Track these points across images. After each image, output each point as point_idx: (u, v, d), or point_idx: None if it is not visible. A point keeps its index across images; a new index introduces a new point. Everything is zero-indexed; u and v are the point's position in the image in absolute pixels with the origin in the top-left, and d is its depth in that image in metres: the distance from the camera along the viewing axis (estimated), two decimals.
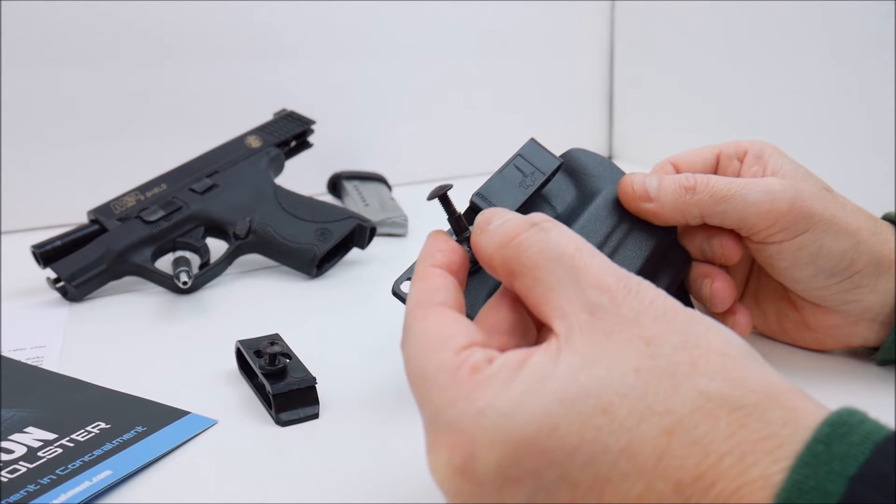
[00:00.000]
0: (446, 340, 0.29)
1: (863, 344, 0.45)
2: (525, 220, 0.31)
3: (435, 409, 0.27)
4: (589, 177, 0.45)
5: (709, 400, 0.24)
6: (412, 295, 0.32)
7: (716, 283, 0.44)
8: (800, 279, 0.43)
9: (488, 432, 0.25)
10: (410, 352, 0.30)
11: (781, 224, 0.41)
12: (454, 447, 0.26)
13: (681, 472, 0.24)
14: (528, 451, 0.25)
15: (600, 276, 0.28)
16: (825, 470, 0.22)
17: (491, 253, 0.31)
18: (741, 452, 0.23)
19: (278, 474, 0.38)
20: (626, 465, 0.24)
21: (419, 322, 0.30)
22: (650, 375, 0.25)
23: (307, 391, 0.42)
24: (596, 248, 0.30)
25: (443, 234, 0.35)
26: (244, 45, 0.89)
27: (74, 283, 0.61)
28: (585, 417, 0.24)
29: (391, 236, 0.77)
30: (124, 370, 0.49)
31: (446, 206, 0.37)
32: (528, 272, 0.29)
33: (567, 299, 0.28)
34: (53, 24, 0.80)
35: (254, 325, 0.51)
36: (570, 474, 0.24)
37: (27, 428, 0.41)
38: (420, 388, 0.28)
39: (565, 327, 0.27)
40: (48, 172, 0.83)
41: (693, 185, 0.42)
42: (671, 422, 0.24)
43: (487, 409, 0.25)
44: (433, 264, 0.33)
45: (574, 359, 0.26)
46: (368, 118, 0.97)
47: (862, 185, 0.57)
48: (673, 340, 0.26)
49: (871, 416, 0.24)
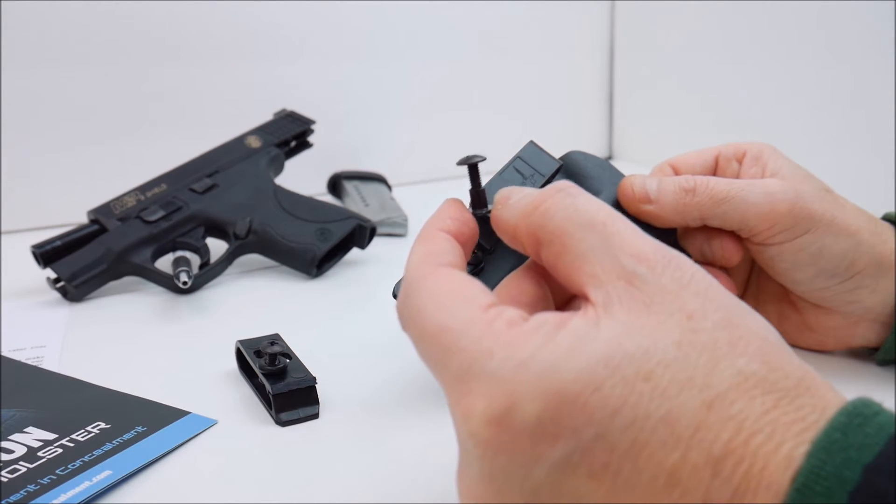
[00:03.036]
0: (469, 297, 0.27)
1: (863, 344, 0.45)
2: (549, 187, 0.30)
3: (468, 359, 0.26)
4: (588, 179, 0.45)
5: (746, 379, 0.24)
6: (415, 254, 0.30)
7: None
8: (801, 280, 0.43)
9: (531, 383, 0.24)
10: (422, 307, 0.28)
11: (782, 225, 0.41)
12: (493, 396, 0.25)
13: (714, 445, 0.24)
14: (570, 407, 0.24)
15: (636, 244, 0.27)
16: (842, 457, 0.22)
17: (515, 223, 0.30)
18: (772, 431, 0.23)
19: (278, 474, 0.38)
20: (664, 433, 0.24)
21: (430, 279, 0.29)
22: (691, 349, 0.25)
23: (307, 391, 0.42)
24: (626, 218, 0.28)
25: (459, 202, 0.34)
26: (244, 46, 0.89)
27: (74, 283, 0.61)
28: (629, 381, 0.24)
29: (391, 236, 0.77)
30: (124, 370, 0.49)
31: (473, 177, 0.36)
32: (557, 239, 0.28)
33: (601, 266, 0.27)
34: (54, 24, 0.81)
35: (254, 325, 0.51)
36: (609, 435, 0.24)
37: (27, 428, 0.41)
38: (441, 340, 0.27)
39: (603, 295, 0.26)
40: (48, 172, 0.83)
41: (693, 187, 0.42)
42: (710, 395, 0.24)
43: (531, 361, 0.25)
44: (442, 228, 0.32)
45: (615, 326, 0.25)
46: (368, 118, 0.97)
47: (862, 185, 0.57)
48: (714, 318, 0.26)
49: (885, 407, 0.24)
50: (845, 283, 0.42)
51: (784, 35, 0.84)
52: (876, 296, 0.42)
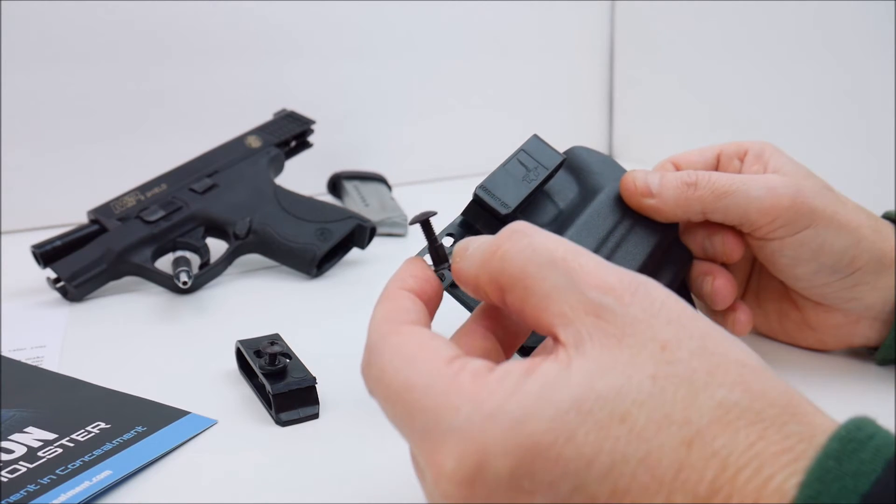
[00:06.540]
0: (432, 351, 0.27)
1: (864, 343, 0.45)
2: (503, 230, 0.29)
3: (433, 417, 0.25)
4: (591, 174, 0.45)
5: (727, 411, 0.23)
6: (377, 314, 0.29)
7: (717, 281, 0.44)
8: (801, 276, 0.43)
9: (501, 437, 0.23)
10: (386, 366, 0.27)
11: (783, 220, 0.41)
12: (462, 454, 0.24)
13: (699, 486, 0.23)
14: (543, 460, 0.23)
15: (600, 275, 0.26)
16: (837, 487, 0.21)
17: (476, 273, 0.29)
18: (759, 464, 0.22)
19: (278, 474, 0.38)
20: (644, 477, 0.23)
21: (391, 337, 0.28)
22: (667, 383, 0.24)
23: (307, 391, 0.42)
24: (585, 249, 0.28)
25: (420, 261, 0.33)
26: (244, 46, 0.89)
27: (74, 283, 0.61)
28: (603, 426, 0.23)
29: (391, 236, 0.77)
30: (124, 370, 0.49)
31: (427, 234, 0.34)
32: (519, 282, 0.27)
33: (568, 303, 0.26)
34: (54, 24, 0.80)
35: (254, 325, 0.51)
36: (587, 486, 0.23)
37: (27, 428, 0.41)
38: (406, 399, 0.26)
39: (573, 334, 0.25)
40: (48, 172, 0.83)
41: (695, 181, 0.42)
42: (690, 432, 0.23)
43: (498, 414, 0.24)
44: (403, 287, 0.31)
45: (587, 365, 0.24)
46: (368, 118, 0.97)
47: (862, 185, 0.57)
48: (690, 346, 0.25)
49: (880, 424, 0.23)
50: (846, 280, 0.42)
51: (784, 35, 0.84)
52: (876, 293, 0.42)
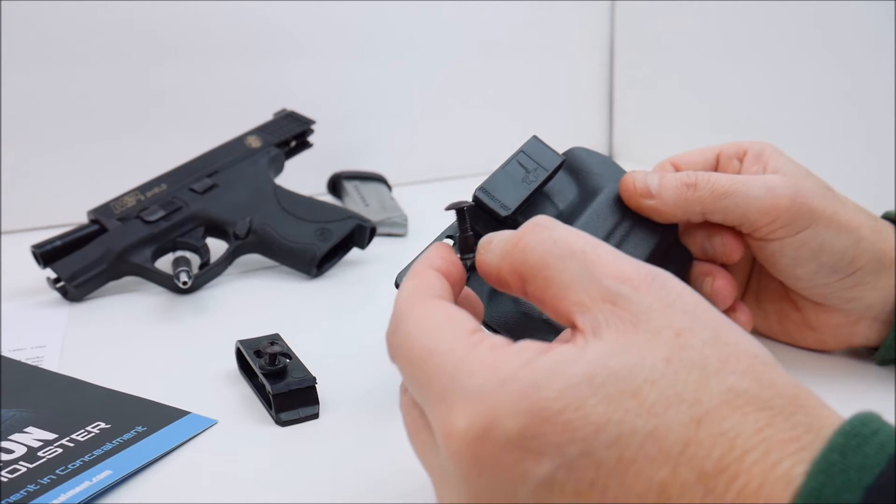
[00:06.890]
0: (456, 323, 0.28)
1: (864, 343, 0.45)
2: (526, 224, 0.30)
3: (449, 380, 0.26)
4: (591, 175, 0.45)
5: (737, 396, 0.24)
6: (405, 289, 0.31)
7: (717, 282, 0.44)
8: (801, 276, 0.43)
9: (512, 400, 0.24)
10: (412, 331, 0.28)
11: (783, 220, 0.41)
12: (473, 414, 0.25)
13: (706, 462, 0.23)
14: (552, 424, 0.24)
15: (617, 266, 0.27)
16: (842, 479, 0.22)
17: (498, 264, 0.30)
18: (766, 449, 0.23)
19: (278, 474, 0.38)
20: (651, 449, 0.24)
21: (419, 308, 0.29)
22: (680, 366, 0.25)
23: (307, 391, 0.42)
24: (604, 242, 0.29)
25: (447, 246, 0.34)
26: (244, 45, 0.89)
27: (74, 283, 0.61)
28: (613, 399, 0.24)
29: (391, 236, 0.77)
30: (124, 370, 0.49)
31: (461, 223, 0.35)
32: (539, 273, 0.28)
33: (586, 292, 0.27)
34: (54, 24, 0.80)
35: (254, 325, 0.51)
36: (594, 452, 0.24)
37: (27, 428, 0.41)
38: (427, 363, 0.27)
39: (590, 320, 0.26)
40: (48, 172, 0.83)
41: (694, 182, 0.42)
42: (700, 411, 0.24)
43: (511, 380, 0.25)
44: (431, 266, 0.32)
45: (603, 346, 0.25)
46: (368, 118, 0.97)
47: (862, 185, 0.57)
48: (703, 335, 0.26)
49: (885, 420, 0.24)
50: (846, 280, 0.42)
51: (784, 35, 0.84)
52: (876, 293, 0.42)
